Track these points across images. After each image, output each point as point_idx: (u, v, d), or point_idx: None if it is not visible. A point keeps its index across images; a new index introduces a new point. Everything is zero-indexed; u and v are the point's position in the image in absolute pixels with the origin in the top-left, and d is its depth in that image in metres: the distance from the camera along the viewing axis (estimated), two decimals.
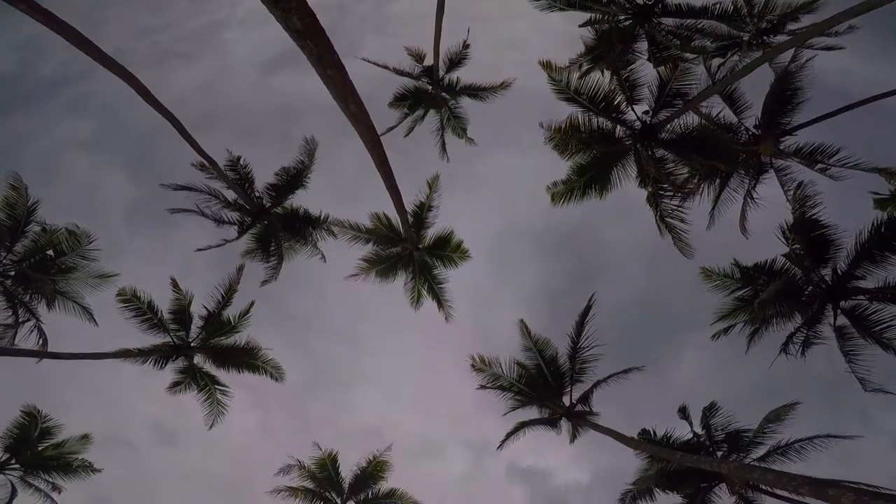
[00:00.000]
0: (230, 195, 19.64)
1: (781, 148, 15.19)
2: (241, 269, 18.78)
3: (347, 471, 19.54)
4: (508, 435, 18.15)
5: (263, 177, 20.18)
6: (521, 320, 17.61)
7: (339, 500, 19.38)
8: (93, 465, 19.76)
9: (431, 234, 19.46)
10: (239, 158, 19.32)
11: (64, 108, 36.38)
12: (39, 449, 19.10)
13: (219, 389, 18.68)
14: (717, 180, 16.97)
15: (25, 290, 17.01)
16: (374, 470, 19.29)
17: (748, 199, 16.95)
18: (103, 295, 18.17)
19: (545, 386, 17.34)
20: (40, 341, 17.42)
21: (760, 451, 15.99)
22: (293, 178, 20.05)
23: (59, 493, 19.37)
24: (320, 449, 19.45)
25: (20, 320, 17.26)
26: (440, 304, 20.69)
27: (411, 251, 19.59)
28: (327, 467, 19.16)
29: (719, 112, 16.10)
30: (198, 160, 17.44)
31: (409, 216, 16.88)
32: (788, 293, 14.09)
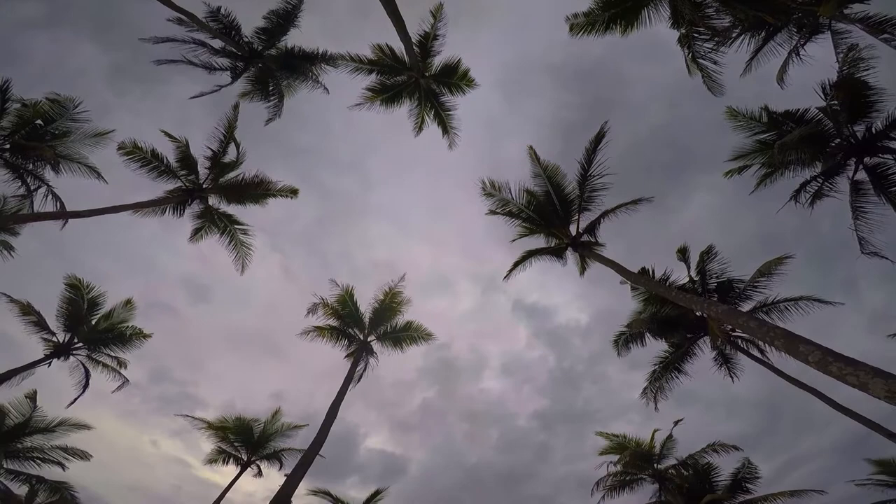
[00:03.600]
0: (217, 44, 19.05)
1: (846, 13, 13.80)
2: (236, 107, 18.29)
3: (366, 306, 19.92)
4: (515, 264, 18.08)
5: (251, 24, 19.25)
6: (531, 146, 16.97)
7: (361, 336, 19.90)
8: (143, 331, 21.11)
9: (438, 62, 18.88)
10: (219, 9, 18.41)
11: None
12: (93, 323, 20.27)
13: (239, 229, 19.09)
14: (763, 33, 16.13)
15: (27, 160, 16.94)
16: (390, 301, 19.65)
17: (793, 55, 16.13)
18: (107, 158, 18.07)
19: (553, 213, 17.01)
20: (57, 204, 17.71)
21: (747, 306, 16.36)
22: (283, 19, 19.32)
23: (125, 367, 20.93)
24: (338, 285, 19.79)
25: (32, 188, 17.45)
26: (445, 130, 20.36)
27: (417, 79, 19.19)
28: (348, 304, 19.58)
29: None
30: (174, 15, 17.04)
31: (413, 45, 16.64)
32: (814, 140, 13.82)
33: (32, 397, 18.55)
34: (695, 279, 16.74)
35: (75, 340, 20.04)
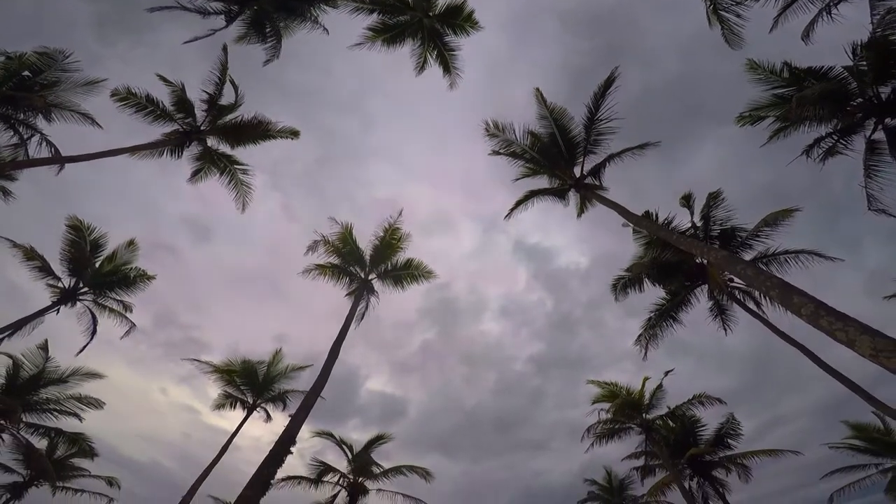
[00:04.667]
0: None
1: None
2: (225, 48, 17.68)
3: (366, 244, 19.78)
4: (517, 203, 18.02)
5: None
6: (537, 88, 16.55)
7: (362, 273, 19.77)
8: (147, 272, 21.09)
9: (442, 2, 18.74)
10: None
11: None
12: (97, 266, 20.17)
13: (239, 169, 18.97)
14: None
15: (17, 110, 16.56)
16: (390, 238, 19.47)
17: (824, 13, 15.07)
18: (101, 106, 17.57)
19: (558, 155, 16.70)
20: (52, 150, 17.39)
21: (748, 256, 16.36)
22: None
23: (130, 311, 21.01)
24: (338, 223, 19.64)
25: (24, 137, 17.13)
26: (447, 70, 19.99)
27: (421, 18, 19.00)
28: (348, 241, 19.46)
29: None
30: None
31: None
32: (834, 98, 13.47)
33: (44, 347, 18.93)
34: (697, 225, 16.67)
35: (80, 285, 20.13)
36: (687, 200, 16.82)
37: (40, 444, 19.71)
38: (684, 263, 16.87)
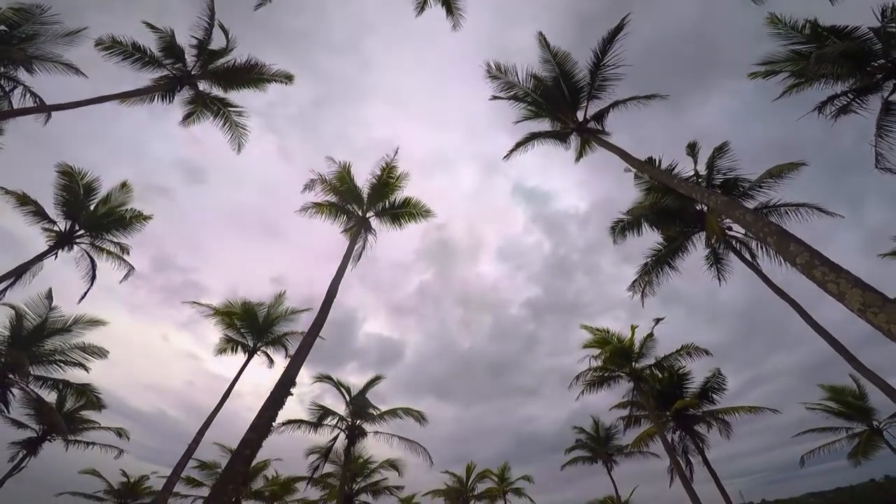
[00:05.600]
0: None
1: None
2: None
3: (364, 182, 19.58)
4: (518, 145, 17.88)
5: None
6: (540, 32, 16.13)
7: (360, 212, 19.64)
8: (142, 213, 20.98)
9: None
10: None
11: None
12: (92, 209, 19.98)
13: (233, 111, 18.69)
14: None
15: None
16: (387, 177, 19.19)
17: None
18: (85, 56, 17.11)
19: (560, 99, 16.47)
20: (36, 101, 17.02)
21: (749, 205, 16.27)
22: None
23: (128, 253, 20.98)
24: (336, 162, 19.38)
25: (7, 89, 16.74)
26: (450, 11, 19.26)
27: None
28: (346, 180, 19.26)
29: None
30: None
31: None
32: (855, 58, 13.20)
33: (49, 296, 19.05)
34: (701, 174, 16.62)
35: (76, 228, 20.02)
36: (692, 149, 16.75)
37: (49, 397, 20.12)
38: (684, 209, 16.93)
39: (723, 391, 21.06)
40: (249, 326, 21.64)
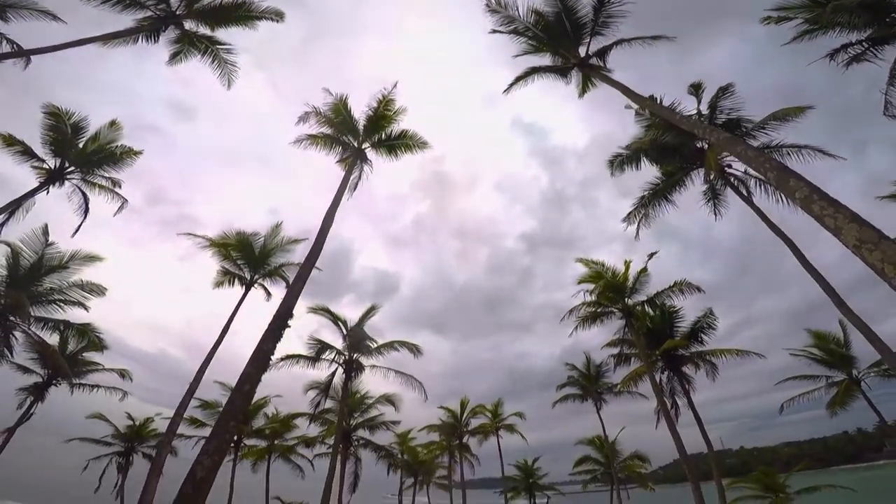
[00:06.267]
0: None
1: None
2: None
3: (360, 115, 19.14)
4: (518, 79, 17.78)
5: None
6: None
7: (355, 143, 19.39)
8: (132, 148, 20.89)
9: None
10: None
11: None
12: (81, 146, 19.72)
13: (221, 48, 18.26)
14: None
15: None
16: (384, 110, 18.83)
17: None
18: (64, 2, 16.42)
19: (563, 34, 16.28)
20: (14, 47, 16.30)
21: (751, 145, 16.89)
22: None
23: (120, 187, 20.97)
24: (331, 94, 18.93)
25: None
26: None
27: None
28: (341, 111, 18.87)
29: None
30: None
31: None
32: (875, 8, 12.99)
33: (45, 231, 18.74)
34: (703, 113, 16.49)
35: (66, 165, 19.79)
36: (696, 89, 16.51)
37: (51, 339, 20.24)
38: (684, 146, 16.88)
39: (713, 330, 21.51)
40: (246, 258, 21.67)
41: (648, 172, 18.30)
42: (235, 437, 28.91)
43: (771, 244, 14.93)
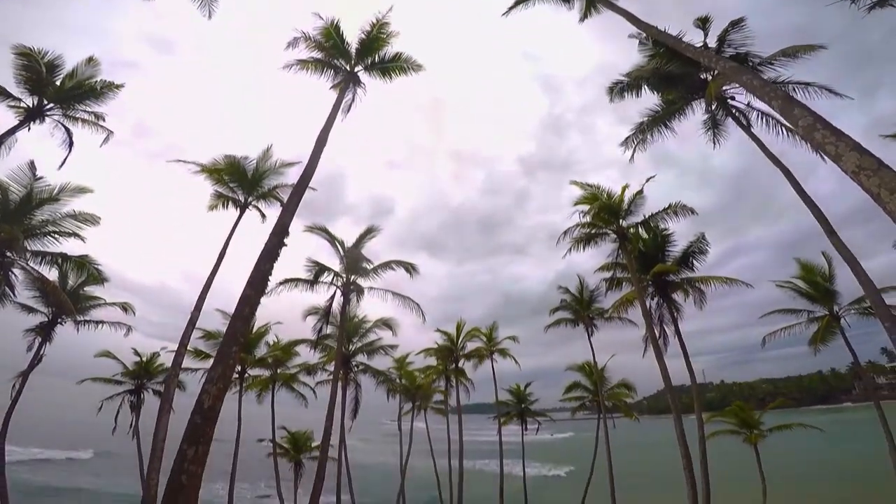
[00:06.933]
0: None
1: None
2: None
3: (353, 37, 18.56)
4: (518, 1, 17.77)
5: None
6: None
7: (347, 67, 18.94)
8: (114, 82, 20.21)
9: None
10: None
11: None
12: (58, 84, 19.01)
13: None
14: None
15: None
16: (377, 33, 18.36)
17: None
18: None
19: None
20: None
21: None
22: None
23: (104, 120, 20.35)
24: (321, 18, 18.25)
25: None
26: None
27: None
28: (332, 36, 18.36)
29: None
30: None
31: None
32: None
33: (32, 165, 18.31)
34: (710, 46, 15.93)
35: (45, 102, 19.15)
36: (703, 22, 15.72)
37: (51, 275, 20.13)
38: (688, 76, 16.46)
39: (704, 255, 21.81)
40: (239, 180, 21.55)
41: (649, 100, 17.97)
42: (239, 368, 30.08)
43: (766, 175, 14.93)
